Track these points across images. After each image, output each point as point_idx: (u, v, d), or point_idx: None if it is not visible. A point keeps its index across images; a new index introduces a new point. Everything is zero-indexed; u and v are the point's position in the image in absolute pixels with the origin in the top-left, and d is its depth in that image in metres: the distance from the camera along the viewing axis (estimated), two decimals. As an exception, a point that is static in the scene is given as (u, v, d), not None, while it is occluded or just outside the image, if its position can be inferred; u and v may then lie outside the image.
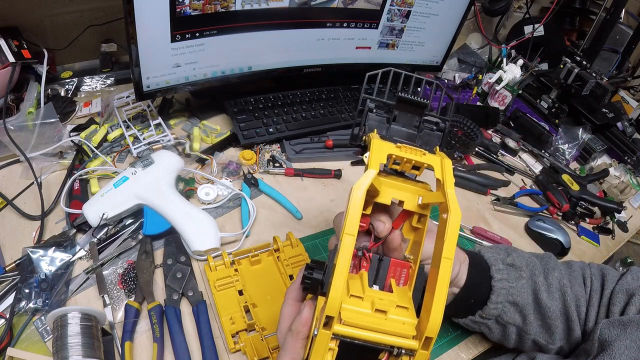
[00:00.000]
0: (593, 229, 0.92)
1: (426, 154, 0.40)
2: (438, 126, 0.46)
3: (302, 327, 0.37)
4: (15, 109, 0.79)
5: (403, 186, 0.41)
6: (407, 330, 0.34)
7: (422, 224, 0.42)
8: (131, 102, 0.84)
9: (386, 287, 0.39)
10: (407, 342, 0.33)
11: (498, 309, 0.55)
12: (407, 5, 0.92)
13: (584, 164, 1.09)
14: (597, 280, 0.58)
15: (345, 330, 0.32)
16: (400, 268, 0.40)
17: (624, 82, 1.42)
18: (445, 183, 0.38)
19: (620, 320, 0.50)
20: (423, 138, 0.45)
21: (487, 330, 0.58)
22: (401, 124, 0.46)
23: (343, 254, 0.33)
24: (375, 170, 0.37)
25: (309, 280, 0.37)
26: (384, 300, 0.35)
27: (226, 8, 0.72)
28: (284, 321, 0.41)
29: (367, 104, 0.46)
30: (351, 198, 0.35)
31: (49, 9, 0.86)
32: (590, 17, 1.41)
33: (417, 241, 0.42)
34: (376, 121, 0.45)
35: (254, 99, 0.89)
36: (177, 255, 0.65)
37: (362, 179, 0.36)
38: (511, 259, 0.56)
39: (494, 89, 1.12)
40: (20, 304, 0.55)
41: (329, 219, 0.77)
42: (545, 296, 0.55)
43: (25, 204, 0.68)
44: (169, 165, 0.70)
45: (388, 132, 0.45)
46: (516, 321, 0.56)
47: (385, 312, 0.34)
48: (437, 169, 0.40)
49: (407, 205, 0.41)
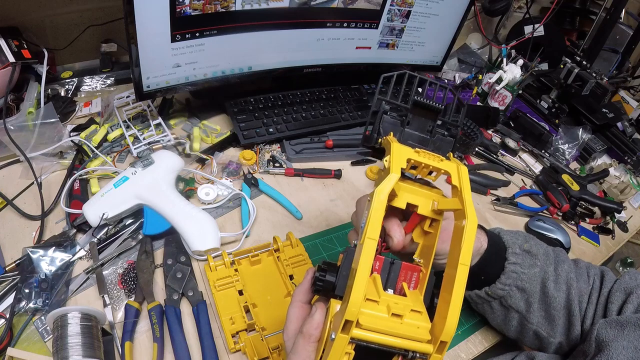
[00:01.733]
0: (593, 229, 0.92)
1: (443, 160, 0.41)
2: (450, 132, 0.46)
3: (314, 330, 0.37)
4: (15, 109, 0.79)
5: (418, 191, 0.42)
6: (422, 334, 0.34)
7: (434, 229, 0.42)
8: (131, 102, 0.84)
9: (398, 291, 0.40)
10: (422, 346, 0.34)
11: (505, 290, 0.55)
12: (407, 5, 0.92)
13: (584, 164, 1.09)
14: (598, 278, 0.59)
15: (363, 334, 0.33)
16: (411, 272, 0.40)
17: (624, 82, 1.42)
18: (462, 190, 0.39)
19: (618, 320, 0.50)
20: (435, 143, 0.46)
21: (490, 310, 0.59)
22: (414, 127, 0.46)
23: (365, 258, 0.33)
24: (397, 174, 0.37)
25: (322, 282, 0.37)
26: (399, 304, 0.35)
27: (226, 8, 0.72)
28: (291, 323, 0.41)
29: (383, 106, 0.46)
30: (374, 201, 0.35)
31: (49, 9, 0.86)
32: (590, 17, 1.41)
33: (428, 245, 0.43)
34: (390, 124, 0.46)
35: (254, 99, 0.89)
36: (177, 255, 0.65)
37: (385, 182, 0.36)
38: (529, 245, 0.56)
39: (494, 89, 1.12)
40: (20, 304, 0.55)
41: (329, 219, 0.77)
42: (552, 286, 0.55)
43: (25, 204, 0.68)
44: (169, 165, 0.70)
45: (402, 135, 0.45)
46: (519, 307, 0.56)
47: (401, 316, 0.34)
48: (453, 175, 0.40)
49: (421, 210, 0.42)
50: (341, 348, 0.33)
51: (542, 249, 0.58)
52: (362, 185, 0.85)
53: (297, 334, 0.39)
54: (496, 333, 0.65)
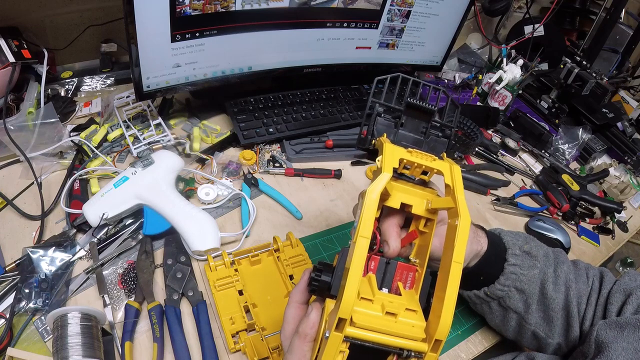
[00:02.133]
0: (593, 229, 0.92)
1: (436, 159, 0.41)
2: (444, 132, 0.47)
3: (309, 330, 0.37)
4: (15, 109, 0.79)
5: (412, 190, 0.42)
6: (416, 332, 0.34)
7: (429, 229, 0.43)
8: (131, 102, 0.84)
9: (393, 290, 0.40)
10: (417, 345, 0.34)
11: (504, 291, 0.55)
12: (407, 5, 0.92)
13: (584, 164, 1.09)
14: (597, 280, 0.59)
15: (357, 332, 0.33)
16: (407, 272, 0.41)
17: (624, 82, 1.42)
18: (455, 189, 0.39)
19: (617, 322, 0.50)
20: (429, 144, 0.46)
21: (489, 310, 0.59)
22: (408, 129, 0.46)
23: (357, 257, 0.33)
24: (389, 174, 0.37)
25: (317, 282, 0.37)
26: (393, 302, 0.35)
27: (226, 8, 0.72)
28: (288, 324, 0.41)
29: (376, 108, 0.46)
30: (365, 201, 0.35)
31: (49, 9, 0.86)
32: (590, 17, 1.41)
33: (423, 245, 0.43)
34: (384, 125, 0.46)
35: (254, 99, 0.89)
36: (177, 255, 0.65)
37: (377, 182, 0.37)
38: (529, 247, 0.56)
39: (494, 89, 1.12)
40: (20, 304, 0.55)
41: (329, 219, 0.77)
42: (551, 288, 0.55)
43: (25, 204, 0.68)
44: (169, 165, 0.70)
45: (396, 137, 0.46)
46: (518, 308, 0.56)
47: (395, 315, 0.34)
48: (446, 174, 0.40)
49: (415, 209, 0.42)
50: (335, 346, 0.33)
51: (542, 251, 0.58)
52: (362, 185, 0.85)
53: (293, 334, 0.39)
54: (496, 333, 0.65)
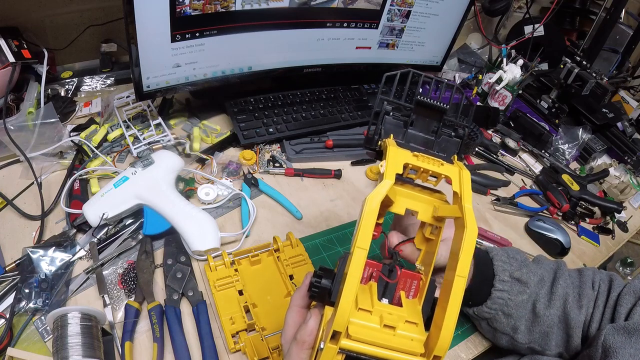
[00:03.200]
0: (593, 229, 0.92)
1: (444, 164, 0.38)
2: (457, 132, 0.44)
3: (307, 337, 0.37)
4: (15, 109, 0.79)
5: (418, 196, 0.40)
6: (415, 347, 0.33)
7: (435, 236, 0.41)
8: (131, 102, 0.84)
9: (395, 299, 0.38)
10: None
11: (491, 314, 0.56)
12: (407, 5, 0.92)
13: (584, 164, 1.09)
14: (605, 284, 0.58)
15: (352, 345, 0.32)
16: (411, 280, 0.39)
17: (624, 82, 1.42)
18: (463, 197, 0.36)
19: (625, 327, 0.50)
20: (440, 144, 0.44)
21: (479, 326, 0.60)
22: (418, 128, 0.44)
23: (354, 268, 0.32)
24: (390, 181, 0.35)
25: (317, 288, 0.36)
26: (393, 315, 0.34)
27: (226, 8, 0.72)
28: (289, 328, 0.40)
29: (384, 107, 0.44)
30: (365, 209, 0.34)
31: (49, 9, 0.86)
32: (590, 17, 1.40)
33: (429, 252, 0.41)
34: (392, 125, 0.44)
35: (254, 99, 0.89)
36: (177, 255, 0.65)
37: (377, 189, 0.35)
38: (520, 273, 0.56)
39: (494, 89, 1.12)
40: (20, 304, 0.55)
41: (329, 219, 0.77)
42: (543, 307, 0.55)
43: (25, 204, 0.68)
44: (169, 165, 0.70)
45: (405, 137, 0.43)
46: (506, 330, 0.57)
47: (393, 328, 0.33)
48: (454, 181, 0.38)
49: (421, 216, 0.40)
50: (329, 358, 0.32)
51: (537, 277, 0.57)
52: (362, 185, 0.85)
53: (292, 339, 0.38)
54: (496, 333, 0.65)
